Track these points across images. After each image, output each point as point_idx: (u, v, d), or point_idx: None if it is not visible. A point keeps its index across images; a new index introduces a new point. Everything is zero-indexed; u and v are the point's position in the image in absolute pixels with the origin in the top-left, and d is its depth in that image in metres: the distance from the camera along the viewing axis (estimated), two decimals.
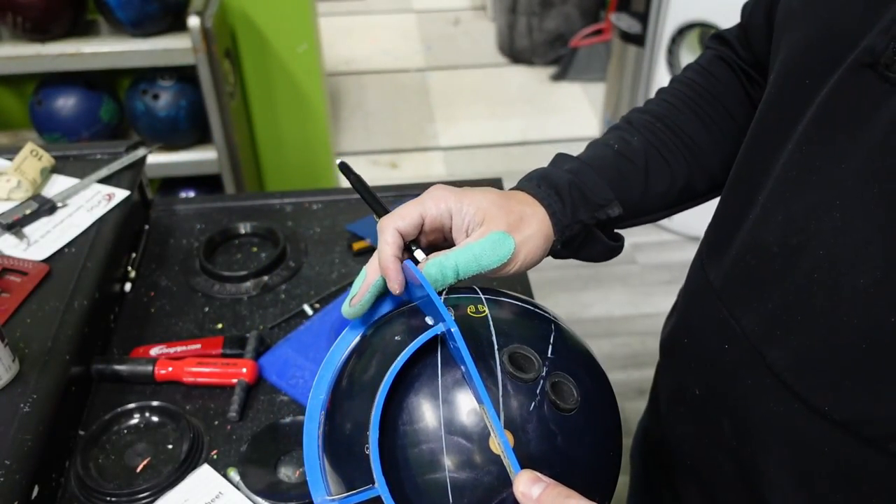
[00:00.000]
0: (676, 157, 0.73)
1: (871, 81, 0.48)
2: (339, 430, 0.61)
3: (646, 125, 0.74)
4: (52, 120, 1.90)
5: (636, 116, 0.75)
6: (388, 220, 0.63)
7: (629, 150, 0.72)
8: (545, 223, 0.66)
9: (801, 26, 0.56)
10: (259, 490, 0.78)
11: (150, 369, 0.90)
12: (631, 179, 0.71)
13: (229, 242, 1.14)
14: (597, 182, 0.69)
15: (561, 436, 0.57)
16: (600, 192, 0.68)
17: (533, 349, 0.59)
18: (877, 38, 0.48)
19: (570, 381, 0.59)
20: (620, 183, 0.70)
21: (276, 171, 2.35)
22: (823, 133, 0.52)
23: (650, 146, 0.72)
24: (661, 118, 0.74)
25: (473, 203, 0.64)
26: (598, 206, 0.68)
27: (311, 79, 2.19)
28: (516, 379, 0.57)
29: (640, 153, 0.71)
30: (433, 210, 0.64)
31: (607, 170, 0.70)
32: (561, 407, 0.57)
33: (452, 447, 0.56)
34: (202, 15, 1.75)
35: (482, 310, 0.62)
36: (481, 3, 4.16)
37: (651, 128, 0.73)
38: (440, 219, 0.65)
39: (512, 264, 0.64)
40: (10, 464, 0.72)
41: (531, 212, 0.66)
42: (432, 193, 0.64)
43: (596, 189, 0.68)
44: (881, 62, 0.48)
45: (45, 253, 0.97)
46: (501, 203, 0.65)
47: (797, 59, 0.56)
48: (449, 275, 0.62)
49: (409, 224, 0.63)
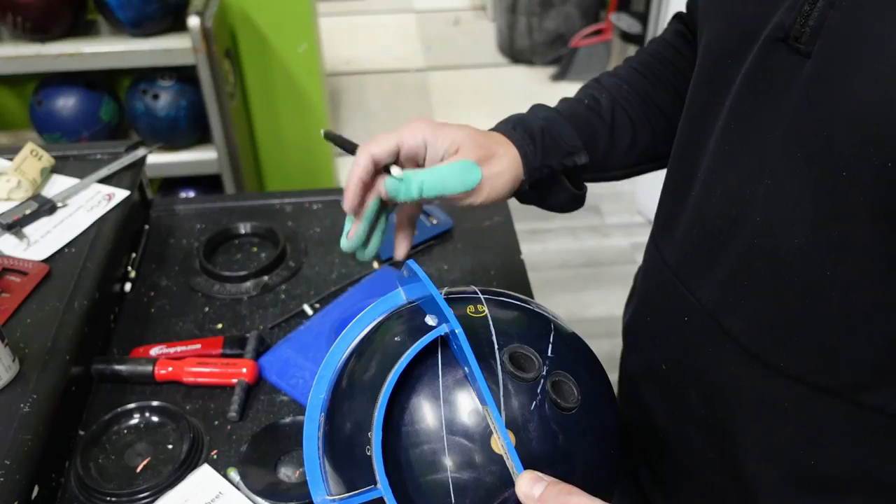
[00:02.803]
0: (640, 118, 0.78)
1: (784, 54, 0.52)
2: (339, 431, 0.61)
3: (614, 86, 0.79)
4: (52, 120, 1.90)
5: (605, 78, 0.81)
6: (365, 146, 0.68)
7: (598, 106, 0.77)
8: (515, 163, 0.71)
9: (718, 10, 0.60)
10: (259, 490, 0.78)
11: (150, 369, 0.90)
12: (598, 132, 0.76)
13: (229, 242, 1.14)
14: (568, 131, 0.74)
15: (562, 434, 0.57)
16: (570, 139, 0.73)
17: (533, 349, 0.60)
18: (785, 14, 0.51)
19: (571, 380, 0.59)
20: (589, 134, 0.75)
21: (276, 171, 2.35)
22: (748, 107, 0.56)
23: (617, 105, 0.78)
24: (628, 82, 0.79)
25: (448, 136, 0.69)
26: (567, 152, 0.73)
27: (311, 79, 2.19)
28: (517, 378, 0.57)
29: (607, 110, 0.77)
30: (409, 140, 0.68)
31: (578, 121, 0.75)
32: (562, 406, 0.58)
33: (454, 447, 0.56)
34: (202, 15, 1.75)
35: (482, 310, 0.62)
36: (481, 3, 4.16)
37: (619, 89, 0.79)
38: (416, 149, 0.69)
39: (476, 195, 0.68)
40: (10, 464, 0.72)
41: (503, 151, 0.70)
42: (410, 125, 0.69)
43: (566, 137, 0.73)
44: (791, 36, 0.51)
45: (45, 253, 0.97)
46: (475, 138, 0.70)
47: (717, 40, 0.60)
48: (413, 188, 0.66)
49: (383, 150, 0.68)
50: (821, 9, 0.49)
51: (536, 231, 2.64)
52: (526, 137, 0.72)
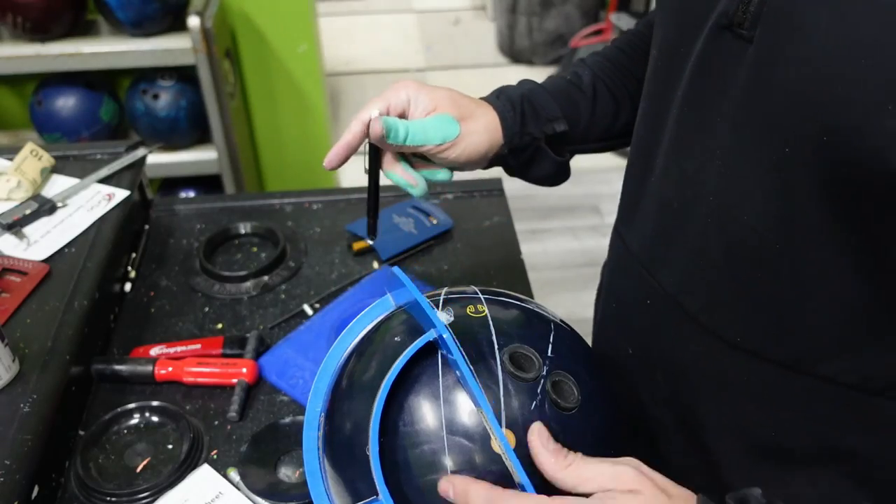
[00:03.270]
0: (622, 92, 0.82)
1: (729, 41, 0.54)
2: (338, 432, 0.61)
3: (596, 64, 0.84)
4: (52, 120, 1.90)
5: (589, 58, 0.86)
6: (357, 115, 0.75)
7: (579, 81, 0.82)
8: (493, 124, 0.76)
9: (669, 2, 0.63)
10: (259, 490, 0.78)
11: (150, 369, 0.90)
12: (579, 104, 0.81)
13: (229, 242, 1.14)
14: (548, 101, 0.79)
15: (562, 434, 0.57)
16: (549, 108, 0.78)
17: (533, 348, 0.60)
18: (728, 2, 0.54)
19: (571, 380, 0.59)
20: (569, 105, 0.80)
21: (276, 171, 2.34)
22: (698, 93, 0.58)
23: (598, 80, 0.82)
24: (610, 60, 0.84)
25: (430, 94, 0.75)
26: (547, 119, 0.78)
27: (311, 79, 2.19)
28: (517, 378, 0.57)
29: (588, 84, 0.82)
30: (394, 99, 0.75)
31: (558, 93, 0.80)
32: (562, 406, 0.58)
33: (454, 448, 0.56)
34: (202, 15, 1.75)
35: (481, 310, 0.62)
36: (481, 3, 4.16)
37: (602, 66, 0.84)
38: (401, 105, 0.75)
39: (454, 148, 0.73)
40: (10, 464, 0.72)
41: (482, 112, 0.76)
42: (394, 85, 0.76)
43: (546, 105, 0.78)
44: (734, 23, 0.54)
45: (45, 253, 0.97)
46: (456, 97, 0.76)
47: (668, 31, 0.63)
48: (400, 132, 0.72)
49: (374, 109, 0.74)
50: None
51: (536, 231, 2.64)
52: (506, 104, 0.77)
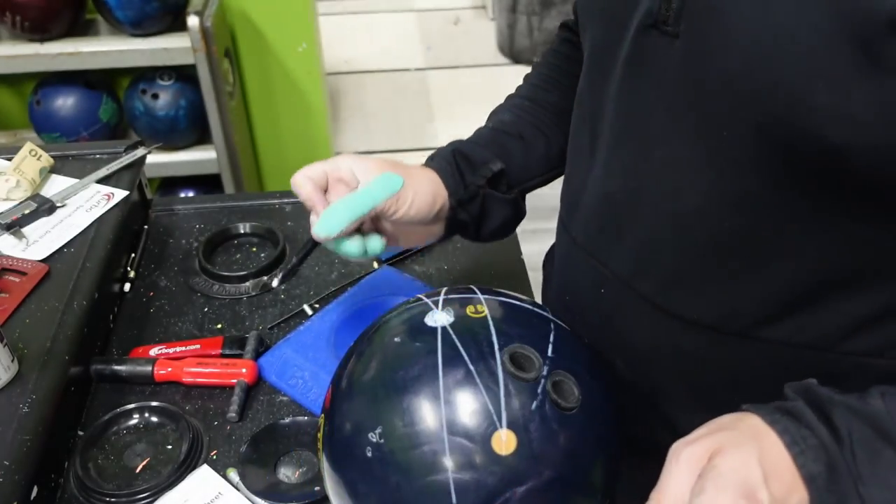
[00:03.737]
0: (548, 125, 0.84)
1: (656, 38, 0.57)
2: (338, 432, 0.61)
3: (515, 105, 0.86)
4: (51, 119, 1.89)
5: (507, 101, 0.88)
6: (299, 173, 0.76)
7: (503, 125, 0.84)
8: (434, 179, 0.77)
9: (595, 7, 0.65)
10: (259, 490, 0.78)
11: (149, 369, 0.90)
12: (509, 146, 0.82)
13: (229, 242, 1.14)
14: (477, 149, 0.81)
15: (563, 434, 0.57)
16: (480, 154, 0.80)
17: (534, 348, 0.59)
18: (651, 2, 0.57)
19: (571, 379, 0.59)
20: (499, 148, 0.81)
21: (275, 170, 2.34)
22: (633, 89, 0.61)
23: (521, 119, 0.84)
24: (528, 98, 0.87)
25: (367, 161, 0.76)
26: (482, 163, 0.79)
27: (310, 78, 2.18)
28: (517, 378, 0.57)
29: (513, 125, 0.84)
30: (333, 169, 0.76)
31: (486, 141, 0.82)
32: (562, 406, 0.57)
33: (455, 448, 0.56)
34: (201, 15, 1.75)
35: (481, 310, 0.62)
36: (481, 3, 4.16)
37: (521, 105, 0.86)
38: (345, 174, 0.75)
39: (403, 201, 0.74)
40: (10, 464, 0.71)
41: (420, 171, 0.78)
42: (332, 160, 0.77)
43: (476, 153, 0.80)
44: (659, 21, 0.56)
45: (44, 253, 0.96)
46: (392, 162, 0.77)
47: (597, 35, 0.66)
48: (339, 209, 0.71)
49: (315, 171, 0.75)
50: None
51: (536, 231, 2.64)
52: (440, 162, 0.79)
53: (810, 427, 0.52)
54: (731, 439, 0.52)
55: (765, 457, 0.51)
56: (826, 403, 0.52)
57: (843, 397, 0.53)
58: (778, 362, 0.61)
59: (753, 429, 0.53)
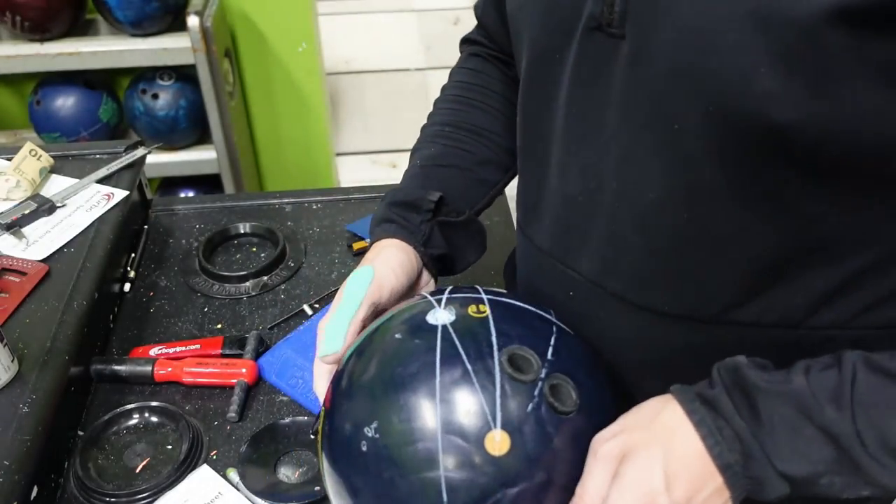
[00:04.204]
0: (475, 146, 0.83)
1: (601, 40, 0.58)
2: (338, 431, 0.61)
3: (436, 134, 0.84)
4: (51, 119, 1.89)
5: (426, 131, 0.86)
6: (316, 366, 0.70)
7: (431, 159, 0.82)
8: (393, 242, 0.74)
9: (535, 12, 0.65)
10: (259, 490, 0.78)
11: (149, 369, 0.90)
12: (442, 177, 0.80)
13: (229, 242, 1.14)
14: (409, 191, 0.78)
15: (558, 438, 0.57)
16: (414, 193, 0.77)
17: (533, 350, 0.59)
18: (593, 5, 0.58)
19: (570, 383, 0.59)
20: (435, 183, 0.79)
21: (275, 170, 2.34)
22: (582, 93, 0.62)
23: (447, 148, 0.82)
24: (447, 123, 0.84)
25: None
26: (420, 199, 0.77)
27: (310, 79, 2.18)
28: (514, 380, 0.57)
29: (441, 157, 0.82)
30: None
31: (418, 181, 0.80)
32: (559, 409, 0.57)
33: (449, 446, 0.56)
34: (201, 15, 1.75)
35: (483, 310, 0.62)
36: None
37: (441, 133, 0.84)
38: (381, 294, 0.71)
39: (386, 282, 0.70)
40: (10, 464, 0.72)
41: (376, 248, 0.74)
42: None
43: (410, 194, 0.77)
44: (604, 23, 0.58)
45: (44, 253, 0.96)
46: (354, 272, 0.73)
47: (539, 40, 0.65)
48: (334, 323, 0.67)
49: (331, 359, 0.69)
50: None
51: None
52: (383, 223, 0.76)
53: (726, 417, 0.55)
54: (642, 441, 0.56)
55: (673, 456, 0.55)
56: (751, 389, 0.55)
57: (768, 379, 0.56)
58: (750, 343, 0.63)
59: (669, 423, 0.57)
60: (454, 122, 0.84)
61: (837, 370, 0.55)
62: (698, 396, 0.57)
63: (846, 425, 0.53)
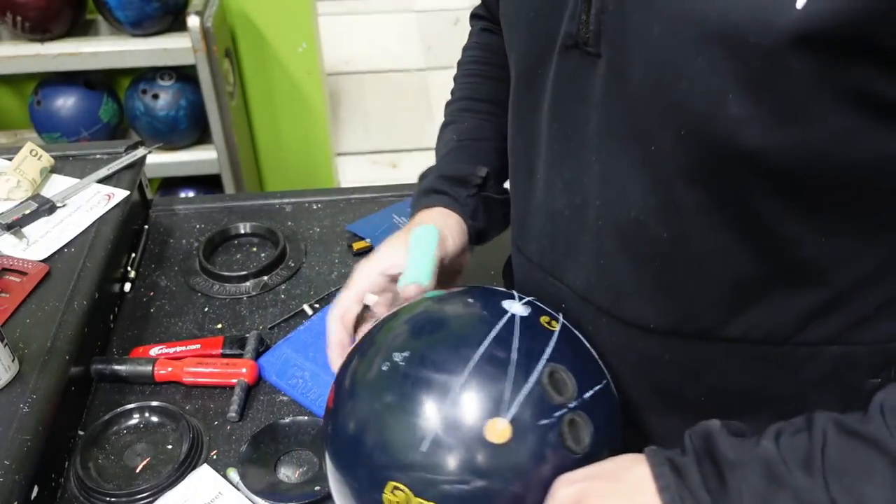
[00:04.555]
0: (499, 120, 0.83)
1: (579, 58, 0.59)
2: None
3: (463, 108, 0.87)
4: (51, 120, 1.89)
5: (451, 107, 0.89)
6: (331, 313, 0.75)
7: (466, 132, 0.85)
8: (444, 213, 0.79)
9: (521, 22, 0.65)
10: (259, 490, 0.78)
11: (149, 369, 0.90)
12: (483, 152, 0.83)
13: (229, 242, 1.14)
14: (455, 165, 0.82)
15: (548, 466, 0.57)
16: (463, 168, 0.81)
17: (576, 382, 0.59)
18: (569, 24, 0.59)
19: (590, 429, 0.59)
20: (478, 159, 0.82)
21: (275, 170, 2.34)
22: (564, 109, 0.63)
23: (476, 121, 0.86)
24: (469, 98, 0.88)
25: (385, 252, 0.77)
26: (470, 174, 0.81)
27: (310, 79, 2.18)
28: (545, 392, 0.58)
29: (474, 130, 0.85)
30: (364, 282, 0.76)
31: (461, 153, 0.83)
32: (566, 442, 0.58)
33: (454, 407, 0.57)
34: (202, 15, 1.75)
35: (554, 326, 0.64)
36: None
37: (468, 108, 0.87)
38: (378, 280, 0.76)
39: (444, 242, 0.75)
40: (10, 464, 0.72)
41: (427, 213, 0.79)
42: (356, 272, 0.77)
43: (458, 169, 0.81)
44: (580, 42, 0.58)
45: (45, 253, 0.96)
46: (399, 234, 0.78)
47: (525, 52, 0.66)
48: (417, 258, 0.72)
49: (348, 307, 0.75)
50: (595, 15, 0.56)
51: None
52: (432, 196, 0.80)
53: (690, 489, 0.53)
54: (601, 492, 0.55)
55: None
56: (720, 459, 0.53)
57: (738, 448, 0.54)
58: (737, 357, 0.63)
59: (635, 482, 0.55)
60: (475, 97, 0.88)
61: (808, 434, 0.53)
62: (668, 461, 0.55)
63: (819, 493, 0.50)
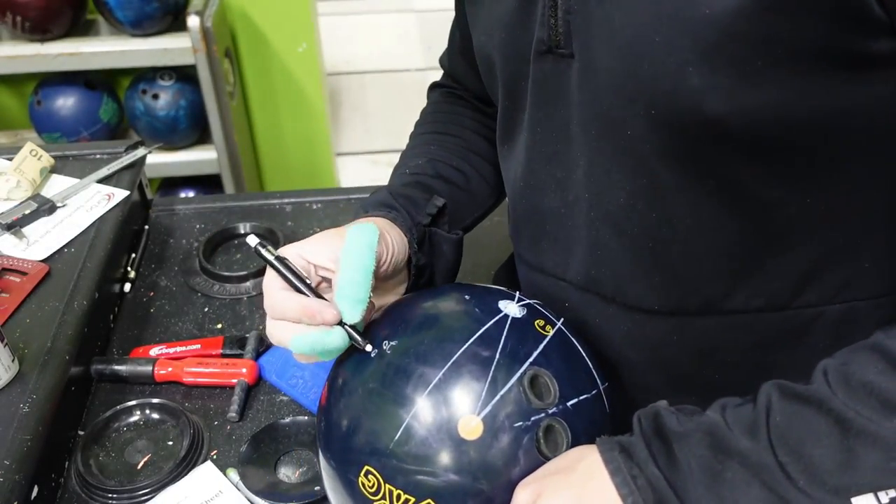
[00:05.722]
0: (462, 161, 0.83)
1: (554, 61, 0.62)
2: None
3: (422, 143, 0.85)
4: (51, 120, 1.90)
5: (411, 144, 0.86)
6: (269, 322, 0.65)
7: (419, 168, 0.80)
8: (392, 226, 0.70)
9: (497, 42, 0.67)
10: (259, 490, 0.78)
11: (149, 369, 0.90)
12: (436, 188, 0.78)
13: (229, 242, 1.14)
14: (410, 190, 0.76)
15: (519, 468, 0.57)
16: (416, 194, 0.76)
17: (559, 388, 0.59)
18: (541, 30, 0.61)
19: (567, 437, 0.59)
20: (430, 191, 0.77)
21: (276, 171, 2.34)
22: (545, 111, 0.65)
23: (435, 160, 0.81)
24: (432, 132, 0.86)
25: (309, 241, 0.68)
26: (425, 202, 0.75)
27: (310, 79, 2.19)
28: (523, 395, 0.57)
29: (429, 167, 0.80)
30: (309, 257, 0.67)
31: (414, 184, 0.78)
32: (540, 447, 0.57)
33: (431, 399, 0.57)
34: (202, 15, 1.75)
35: (548, 330, 0.63)
36: None
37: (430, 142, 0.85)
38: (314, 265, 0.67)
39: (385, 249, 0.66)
40: (10, 464, 0.72)
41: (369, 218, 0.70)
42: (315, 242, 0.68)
43: (413, 193, 0.75)
44: (552, 46, 0.61)
45: (45, 253, 0.96)
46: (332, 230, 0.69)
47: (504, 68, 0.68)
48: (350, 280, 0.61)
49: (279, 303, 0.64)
50: (563, 18, 0.59)
51: None
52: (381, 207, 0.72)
53: (640, 465, 0.54)
54: (555, 486, 0.55)
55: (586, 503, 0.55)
56: (668, 434, 0.55)
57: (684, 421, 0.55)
58: (743, 330, 0.65)
59: (587, 470, 0.56)
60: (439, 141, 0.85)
61: (753, 402, 0.54)
62: (618, 445, 0.56)
63: (766, 457, 0.51)
